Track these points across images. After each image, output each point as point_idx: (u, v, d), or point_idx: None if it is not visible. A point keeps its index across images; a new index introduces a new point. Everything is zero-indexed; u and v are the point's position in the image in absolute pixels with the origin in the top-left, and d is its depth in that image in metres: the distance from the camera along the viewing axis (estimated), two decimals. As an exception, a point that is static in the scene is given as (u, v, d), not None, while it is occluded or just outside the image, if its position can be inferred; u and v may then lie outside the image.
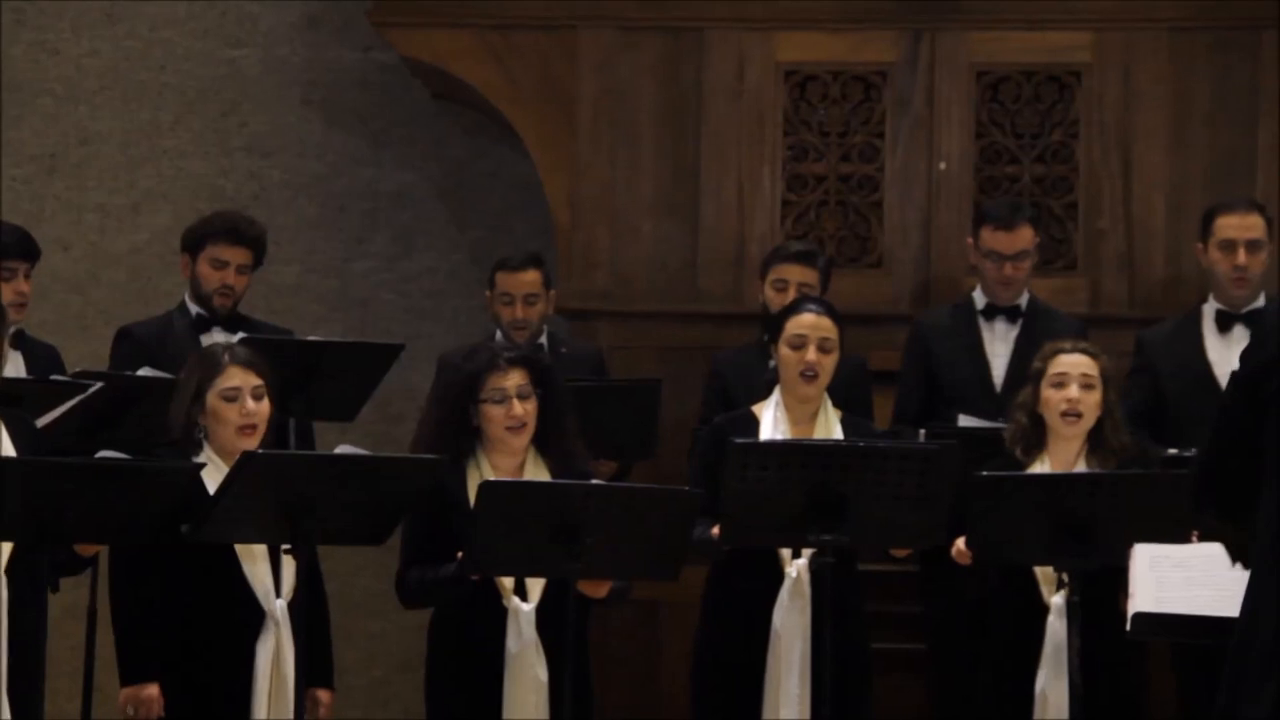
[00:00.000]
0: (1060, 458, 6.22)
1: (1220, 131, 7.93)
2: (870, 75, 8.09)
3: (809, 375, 6.23)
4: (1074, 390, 6.19)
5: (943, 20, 8.03)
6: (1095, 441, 6.23)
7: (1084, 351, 6.27)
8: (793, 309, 6.38)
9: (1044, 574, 6.10)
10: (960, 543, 6.01)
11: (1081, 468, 6.18)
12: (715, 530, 5.92)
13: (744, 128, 8.09)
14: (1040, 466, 6.20)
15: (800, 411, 6.29)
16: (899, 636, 6.75)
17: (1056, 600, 6.04)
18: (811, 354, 6.23)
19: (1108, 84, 7.97)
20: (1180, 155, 7.93)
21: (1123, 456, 6.21)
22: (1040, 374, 6.26)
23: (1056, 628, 6.02)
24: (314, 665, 5.64)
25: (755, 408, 6.32)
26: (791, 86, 8.12)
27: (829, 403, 6.31)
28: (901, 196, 8.04)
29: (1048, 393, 6.22)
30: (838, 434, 6.25)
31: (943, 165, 8.02)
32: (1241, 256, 6.98)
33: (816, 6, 8.07)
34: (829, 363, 6.25)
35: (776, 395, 6.30)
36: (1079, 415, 6.19)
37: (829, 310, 6.38)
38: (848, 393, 6.54)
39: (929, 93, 8.03)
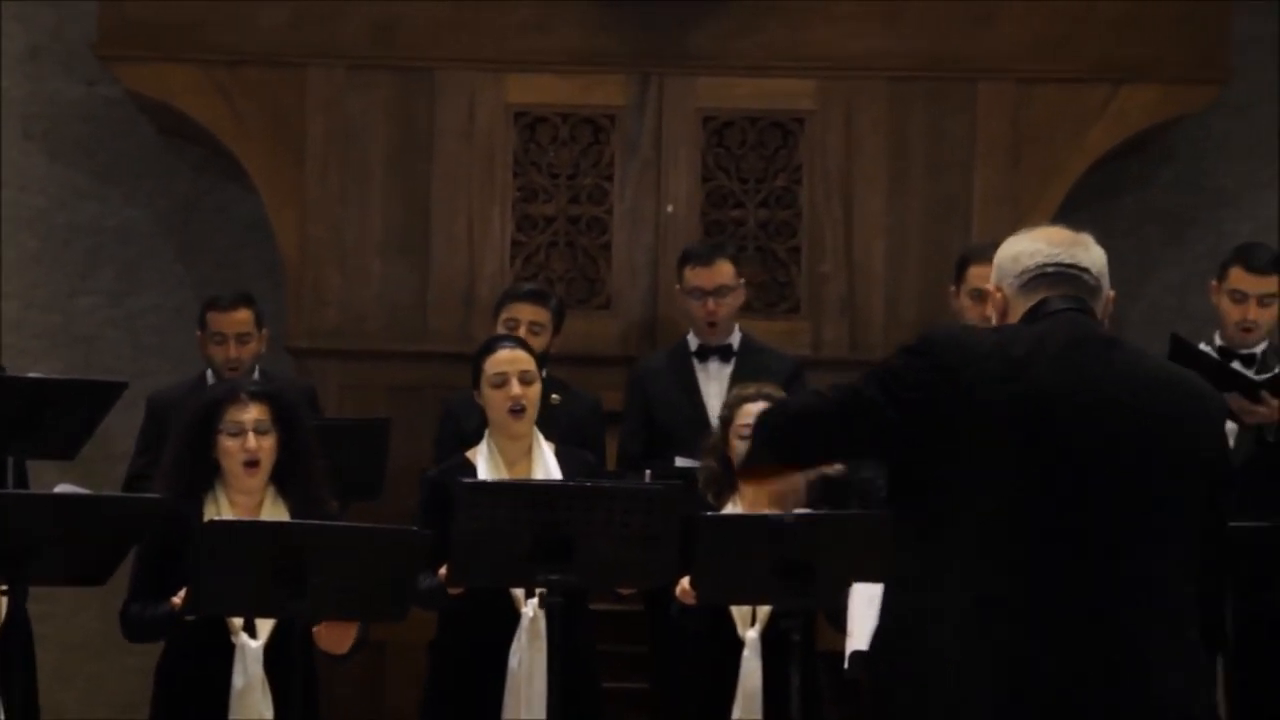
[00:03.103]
0: (750, 501, 6.32)
1: (938, 178, 8.13)
2: (599, 118, 8.17)
3: (517, 410, 6.24)
4: None
5: (670, 65, 8.13)
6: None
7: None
8: (487, 349, 6.38)
9: (739, 611, 6.19)
10: (685, 581, 6.08)
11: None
12: (442, 571, 5.92)
13: (474, 168, 8.12)
14: (733, 510, 6.30)
15: (513, 450, 6.29)
16: (627, 675, 6.79)
17: (751, 635, 6.14)
18: (515, 388, 6.24)
19: (830, 131, 8.13)
20: (899, 201, 8.11)
21: (811, 495, 6.32)
22: (728, 422, 6.36)
23: (751, 664, 6.12)
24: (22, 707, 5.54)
25: (469, 454, 6.31)
26: (521, 128, 8.17)
27: (540, 437, 6.33)
28: (629, 238, 8.12)
29: (735, 442, 6.32)
30: (553, 469, 6.27)
31: (670, 208, 8.12)
32: (990, 308, 7.09)
33: (546, 49, 8.13)
34: (534, 394, 6.27)
35: (487, 438, 6.30)
36: None
37: (522, 344, 6.41)
38: (582, 432, 6.57)
39: (657, 136, 8.13)
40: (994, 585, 3.74)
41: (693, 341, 7.40)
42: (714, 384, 7.26)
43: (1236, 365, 6.78)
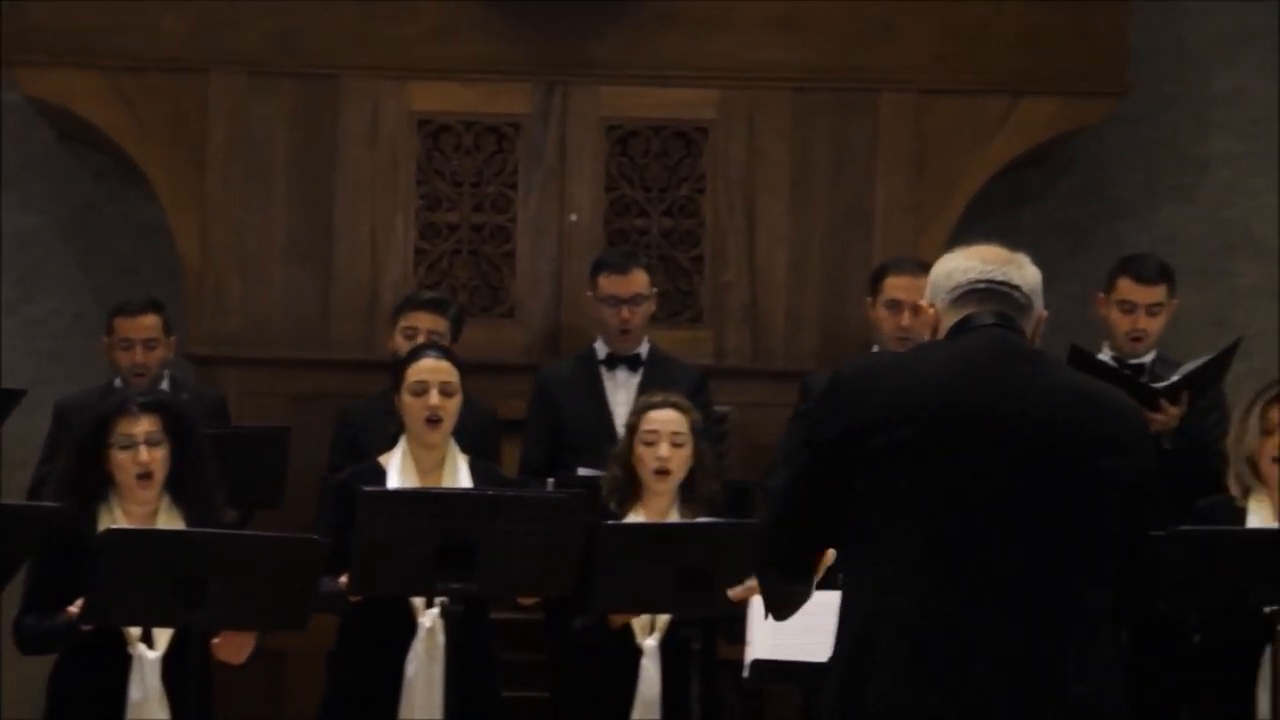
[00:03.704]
0: (654, 509, 6.34)
1: (840, 188, 8.17)
2: (503, 126, 8.17)
3: (433, 420, 6.25)
4: (664, 449, 6.31)
5: (574, 74, 8.14)
6: (688, 492, 6.36)
7: (674, 407, 6.39)
8: (412, 356, 6.39)
9: (638, 619, 6.20)
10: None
11: (674, 518, 6.30)
12: (343, 580, 5.90)
13: (377, 175, 8.11)
14: (635, 518, 6.31)
15: (427, 460, 6.29)
16: (528, 684, 6.79)
17: (649, 643, 6.16)
18: (434, 399, 6.24)
19: (733, 140, 8.15)
20: (802, 211, 8.15)
21: (714, 504, 6.36)
22: (633, 429, 6.38)
23: (650, 671, 6.13)
24: None
25: (382, 458, 6.31)
26: (425, 135, 8.16)
27: (455, 449, 6.33)
28: (533, 247, 8.12)
29: (640, 449, 6.34)
30: (465, 481, 6.27)
31: (573, 217, 8.13)
32: (906, 319, 7.13)
33: (450, 57, 8.13)
34: (452, 407, 6.28)
35: (402, 445, 6.30)
36: (668, 472, 6.32)
37: (447, 354, 6.41)
38: (477, 441, 6.57)
39: (560, 145, 8.14)
40: (914, 598, 3.77)
41: (601, 350, 7.40)
42: (621, 393, 7.26)
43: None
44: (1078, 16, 8.11)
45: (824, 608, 4.03)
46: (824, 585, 4.07)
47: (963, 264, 4.00)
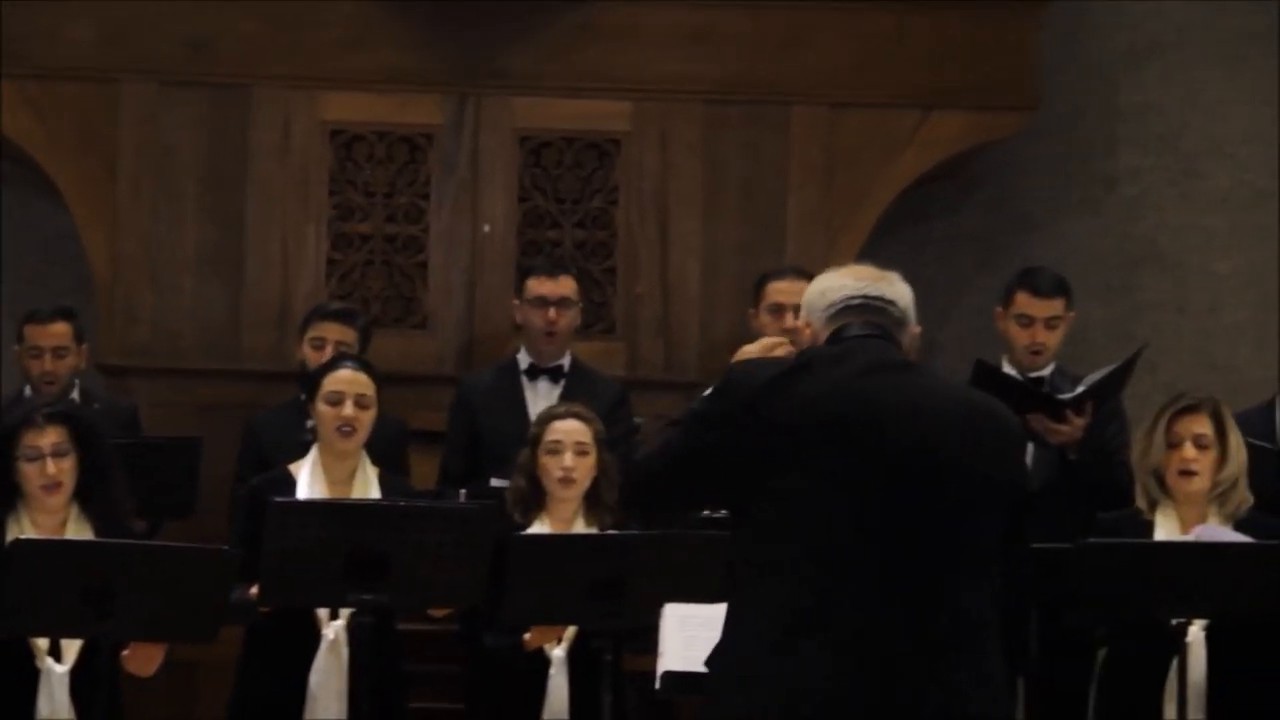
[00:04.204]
0: (558, 519, 6.35)
1: (752, 201, 8.20)
2: (416, 137, 8.16)
3: (346, 431, 6.24)
4: (569, 458, 6.33)
5: (487, 85, 8.15)
6: (592, 502, 6.38)
7: (578, 417, 6.41)
8: (329, 366, 6.39)
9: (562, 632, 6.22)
10: None
11: (580, 528, 6.32)
12: (253, 590, 5.89)
13: (289, 186, 8.09)
14: (540, 527, 6.32)
15: (338, 470, 6.29)
16: (440, 696, 6.78)
17: (557, 654, 6.17)
18: (349, 410, 6.24)
19: (645, 152, 8.18)
20: (714, 223, 8.18)
21: (618, 515, 6.38)
22: (537, 440, 6.39)
23: (558, 682, 6.14)
24: None
25: (292, 467, 6.30)
26: (337, 146, 8.15)
27: (367, 461, 6.33)
28: (446, 258, 8.12)
29: (544, 459, 6.35)
30: (375, 493, 6.27)
31: (487, 228, 8.13)
32: (789, 320, 7.18)
33: (363, 67, 8.12)
34: (366, 419, 6.28)
35: (314, 454, 6.29)
36: (573, 482, 6.34)
37: (365, 367, 6.41)
38: (385, 452, 6.57)
39: (473, 156, 8.14)
40: (798, 608, 3.81)
41: (523, 360, 7.40)
42: (542, 403, 7.25)
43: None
44: (987, 31, 8.17)
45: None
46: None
47: (836, 283, 4.09)
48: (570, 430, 6.36)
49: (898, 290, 4.09)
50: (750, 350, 4.22)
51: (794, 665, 3.80)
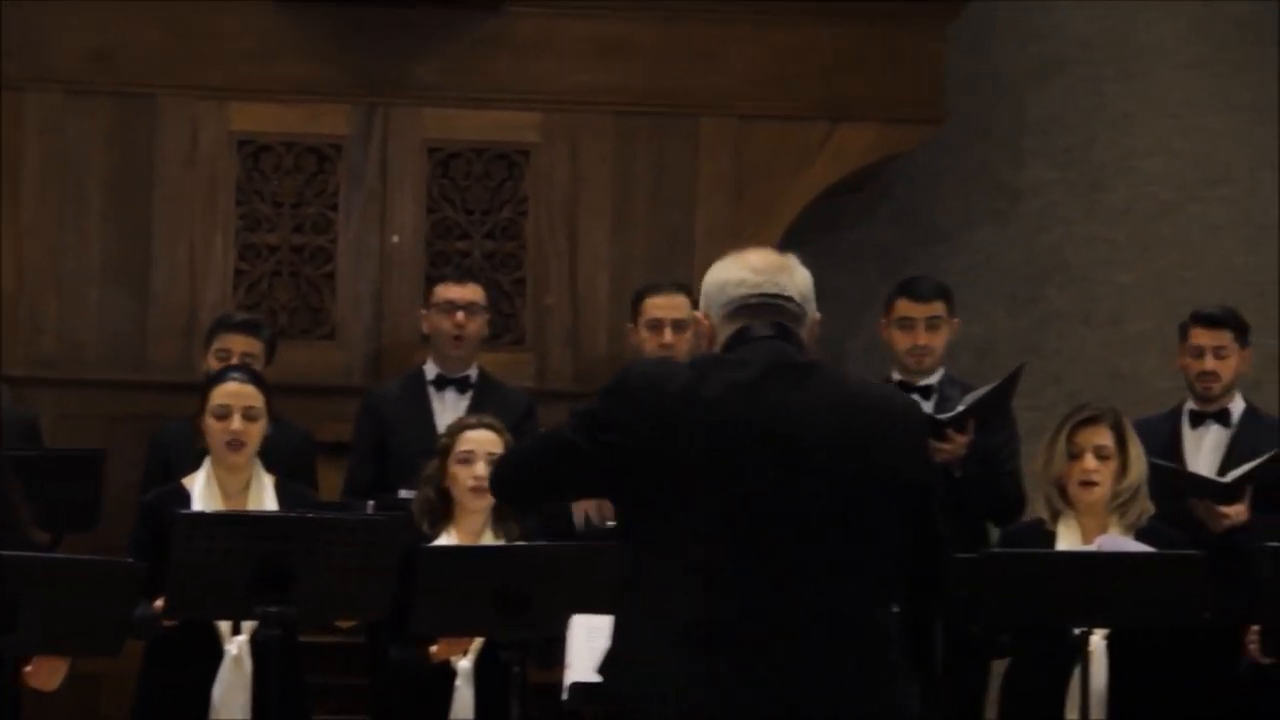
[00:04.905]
0: (467, 530, 6.35)
1: (662, 212, 8.22)
2: (324, 147, 8.15)
3: (234, 445, 6.22)
4: (480, 468, 6.33)
5: (395, 96, 8.14)
6: (500, 513, 6.38)
7: (489, 428, 6.41)
8: (216, 379, 6.36)
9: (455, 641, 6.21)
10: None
11: (488, 539, 6.31)
12: (157, 604, 5.86)
13: (196, 196, 8.05)
14: (448, 539, 6.32)
15: (232, 483, 6.26)
16: (342, 708, 6.76)
17: (464, 665, 6.17)
18: (236, 423, 6.22)
19: (555, 163, 8.18)
20: (623, 235, 8.20)
21: (526, 526, 6.38)
22: (447, 450, 6.38)
23: (464, 693, 6.14)
24: None
25: (185, 481, 6.27)
26: (245, 156, 8.12)
27: (261, 471, 6.30)
28: (354, 268, 8.10)
29: (455, 469, 6.35)
30: (271, 503, 6.25)
31: (395, 238, 8.12)
32: (668, 336, 7.22)
33: (271, 77, 8.09)
34: (255, 431, 6.25)
35: (206, 467, 6.26)
36: (485, 491, 6.33)
37: (254, 378, 6.39)
38: (291, 463, 6.55)
39: (382, 167, 8.13)
40: (697, 611, 3.82)
41: (430, 370, 7.39)
42: (449, 414, 7.24)
43: (916, 398, 6.94)
44: (895, 45, 8.22)
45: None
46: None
47: (735, 275, 4.05)
48: (482, 440, 6.36)
49: (796, 280, 4.06)
50: None
51: (688, 676, 3.80)
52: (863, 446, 3.91)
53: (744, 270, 4.06)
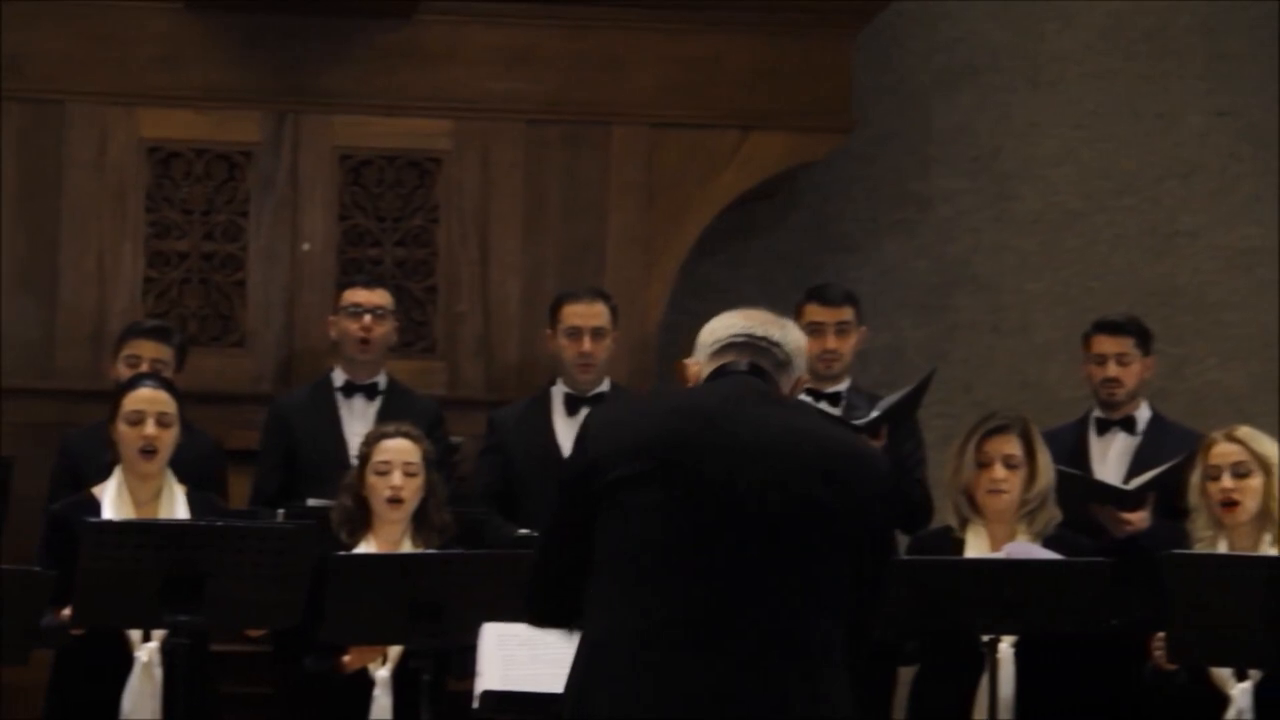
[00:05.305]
0: (385, 539, 6.35)
1: (573, 220, 8.23)
2: (234, 154, 8.12)
3: (147, 451, 6.21)
4: (397, 477, 6.34)
5: (306, 103, 8.12)
6: (419, 521, 6.38)
7: (407, 436, 6.42)
8: (129, 385, 6.35)
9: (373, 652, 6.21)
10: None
11: (406, 548, 6.32)
12: (65, 613, 5.83)
13: (105, 203, 8.01)
14: (366, 548, 6.32)
15: (143, 491, 6.25)
16: (252, 718, 6.74)
17: (382, 674, 6.17)
18: (150, 429, 6.21)
19: (466, 171, 8.18)
20: (535, 243, 8.20)
21: (446, 535, 6.39)
22: (365, 459, 6.39)
23: (382, 702, 6.14)
24: None
25: (95, 489, 6.26)
26: (155, 163, 8.08)
27: (173, 479, 6.30)
28: (264, 276, 8.07)
29: (372, 479, 6.35)
30: (183, 511, 6.24)
31: (306, 246, 8.10)
32: (586, 344, 7.23)
33: (180, 84, 8.06)
34: (169, 437, 6.25)
35: (117, 475, 6.25)
36: (401, 501, 6.34)
37: (166, 385, 6.38)
38: (200, 472, 6.53)
39: (293, 174, 8.10)
40: (643, 620, 3.85)
41: (338, 378, 7.38)
42: (358, 422, 7.24)
43: (825, 406, 6.99)
44: (804, 52, 8.26)
45: (552, 639, 4.08)
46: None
47: (727, 323, 4.12)
48: (399, 449, 6.36)
49: (788, 335, 4.10)
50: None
51: (633, 686, 3.83)
52: (813, 475, 3.92)
53: (738, 318, 4.12)
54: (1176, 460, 6.63)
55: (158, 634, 5.99)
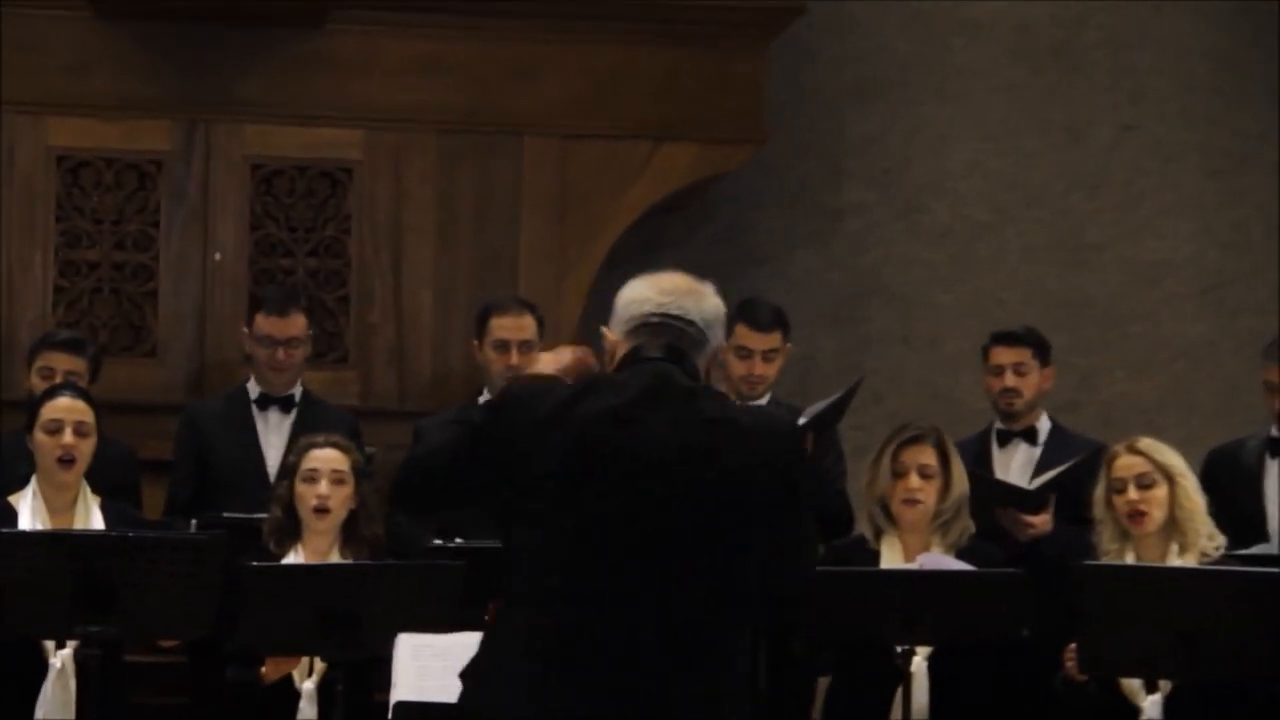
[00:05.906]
0: (314, 549, 6.34)
1: (485, 231, 8.23)
2: (145, 164, 8.08)
3: (66, 460, 6.20)
4: (324, 486, 6.33)
5: (217, 112, 8.09)
6: (349, 533, 6.37)
7: (335, 446, 6.41)
8: (47, 395, 6.35)
9: (299, 665, 6.19)
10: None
11: (335, 559, 6.31)
12: (-21, 624, 5.80)
13: (14, 212, 7.96)
14: (294, 558, 6.30)
15: (59, 500, 6.24)
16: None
17: (307, 686, 6.15)
18: (68, 438, 6.20)
19: (378, 181, 8.17)
20: (447, 253, 8.20)
21: (376, 546, 6.37)
22: (293, 468, 6.37)
23: (307, 713, 6.13)
24: None
25: (12, 498, 6.24)
26: (64, 172, 8.03)
27: (88, 490, 6.28)
28: (176, 286, 8.04)
29: (300, 488, 6.34)
30: (98, 522, 6.22)
31: (218, 256, 8.06)
32: (514, 357, 7.20)
33: (90, 92, 8.01)
34: (86, 447, 6.24)
35: (33, 484, 6.23)
36: (328, 511, 6.33)
37: (84, 395, 6.36)
38: (115, 481, 6.50)
39: (204, 184, 8.07)
40: (548, 628, 3.85)
41: (253, 389, 7.35)
42: (273, 434, 7.22)
43: None
44: (716, 64, 8.29)
45: (467, 650, 4.08)
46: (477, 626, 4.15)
47: (641, 294, 4.05)
48: (327, 459, 6.35)
49: (702, 305, 4.05)
50: (545, 361, 4.13)
51: (530, 691, 3.83)
52: (725, 459, 3.89)
53: (651, 290, 4.05)
54: (1075, 460, 6.69)
55: (72, 642, 5.95)
